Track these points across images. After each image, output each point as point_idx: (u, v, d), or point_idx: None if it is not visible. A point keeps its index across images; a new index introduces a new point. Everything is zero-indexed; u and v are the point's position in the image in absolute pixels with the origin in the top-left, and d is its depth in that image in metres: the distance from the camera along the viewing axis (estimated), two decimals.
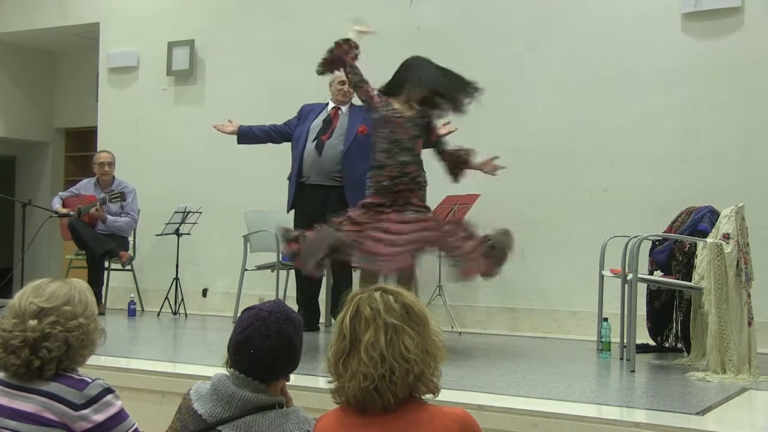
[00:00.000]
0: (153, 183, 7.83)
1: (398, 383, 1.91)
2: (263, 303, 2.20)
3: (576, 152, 6.31)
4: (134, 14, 8.23)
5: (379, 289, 2.01)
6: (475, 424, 1.96)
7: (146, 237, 7.52)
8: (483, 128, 6.55)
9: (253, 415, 2.06)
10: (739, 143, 5.87)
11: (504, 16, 6.62)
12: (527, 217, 6.42)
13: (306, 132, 5.99)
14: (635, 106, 6.17)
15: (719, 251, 4.30)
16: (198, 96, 7.88)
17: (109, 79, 8.33)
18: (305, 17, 7.35)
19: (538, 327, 6.32)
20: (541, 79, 6.47)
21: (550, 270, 6.32)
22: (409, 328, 1.95)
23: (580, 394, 3.77)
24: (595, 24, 6.33)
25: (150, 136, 8.05)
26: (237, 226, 6.92)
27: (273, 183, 6.58)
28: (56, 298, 2.12)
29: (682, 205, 5.19)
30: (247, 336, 2.10)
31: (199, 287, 7.61)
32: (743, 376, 4.17)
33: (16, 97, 9.56)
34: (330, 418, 2.03)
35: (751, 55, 5.85)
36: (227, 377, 2.14)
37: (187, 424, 2.10)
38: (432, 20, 6.82)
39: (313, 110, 6.10)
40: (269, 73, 7.48)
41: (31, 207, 6.95)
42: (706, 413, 3.33)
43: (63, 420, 2.05)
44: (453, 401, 3.15)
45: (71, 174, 9.83)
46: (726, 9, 5.90)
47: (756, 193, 5.57)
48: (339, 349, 1.97)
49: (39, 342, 2.07)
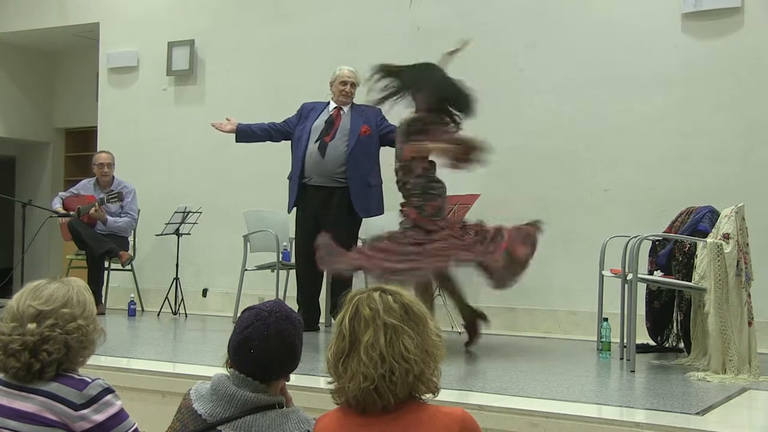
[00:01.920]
0: (153, 183, 7.83)
1: (398, 383, 1.91)
2: (263, 303, 2.20)
3: (576, 152, 6.31)
4: (134, 14, 8.23)
5: (378, 290, 2.01)
6: (475, 424, 1.96)
7: (146, 237, 7.52)
8: (483, 128, 6.56)
9: (253, 415, 2.06)
10: (740, 143, 5.87)
11: (504, 16, 6.62)
12: (527, 217, 6.40)
13: (308, 132, 5.96)
14: (635, 106, 6.17)
15: (719, 251, 4.30)
16: (198, 96, 7.88)
17: (109, 79, 8.33)
18: (305, 17, 7.35)
19: (538, 327, 6.32)
20: (541, 79, 6.47)
21: (550, 270, 6.31)
22: (409, 328, 1.95)
23: (580, 394, 3.77)
24: (595, 24, 6.33)
25: (150, 136, 8.05)
26: (237, 226, 6.93)
27: (273, 183, 6.59)
28: (54, 300, 2.11)
29: (682, 205, 5.19)
30: (247, 336, 2.10)
31: (199, 287, 7.61)
32: (743, 376, 4.17)
33: (16, 97, 9.56)
34: (330, 418, 2.03)
35: (751, 55, 5.85)
36: (227, 377, 2.13)
37: (187, 424, 2.10)
38: (432, 20, 6.81)
39: (314, 109, 6.07)
40: (269, 72, 7.48)
41: (31, 207, 6.95)
42: (706, 413, 3.33)
43: (63, 420, 2.05)
44: (453, 401, 3.16)
45: (71, 174, 9.83)
46: (726, 9, 5.90)
47: (756, 193, 5.57)
48: (338, 350, 1.97)
49: (38, 345, 2.07)
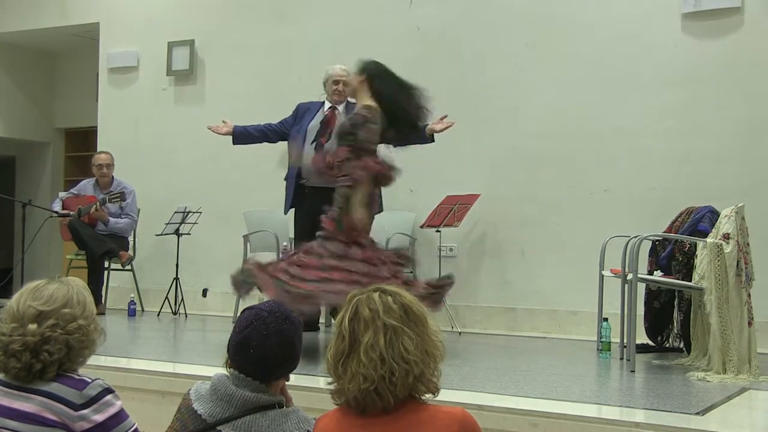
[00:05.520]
0: (153, 183, 7.83)
1: (398, 384, 1.91)
2: (263, 303, 2.20)
3: (576, 152, 6.31)
4: (134, 14, 8.23)
5: (377, 290, 2.00)
6: (475, 423, 1.96)
7: (146, 237, 7.52)
8: (483, 128, 6.57)
9: (252, 415, 2.07)
10: (740, 143, 5.87)
11: (504, 16, 6.62)
12: (527, 217, 6.42)
13: (304, 133, 5.96)
14: (635, 106, 6.17)
15: (719, 251, 4.30)
16: (198, 96, 7.87)
17: (109, 79, 8.33)
18: (305, 17, 7.35)
19: (537, 327, 6.32)
20: (541, 79, 6.47)
21: (550, 270, 6.32)
22: (409, 329, 1.94)
23: (580, 394, 3.77)
24: (595, 24, 6.32)
25: (150, 136, 8.05)
26: (237, 226, 6.93)
27: (273, 183, 6.56)
28: (55, 301, 2.11)
29: (682, 205, 5.19)
30: (247, 336, 2.10)
31: (199, 287, 7.60)
32: (743, 376, 4.17)
33: (16, 97, 9.56)
34: (330, 419, 2.03)
35: (751, 55, 5.85)
36: (227, 377, 2.14)
37: (187, 424, 2.10)
38: (432, 20, 6.81)
39: (309, 109, 6.07)
40: (269, 73, 7.48)
41: (31, 207, 6.95)
42: (706, 413, 3.33)
43: (63, 420, 2.04)
44: (453, 401, 3.15)
45: (71, 174, 9.83)
46: (726, 9, 5.89)
47: (756, 193, 5.57)
48: (338, 351, 1.97)
49: (39, 346, 2.06)
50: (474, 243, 6.63)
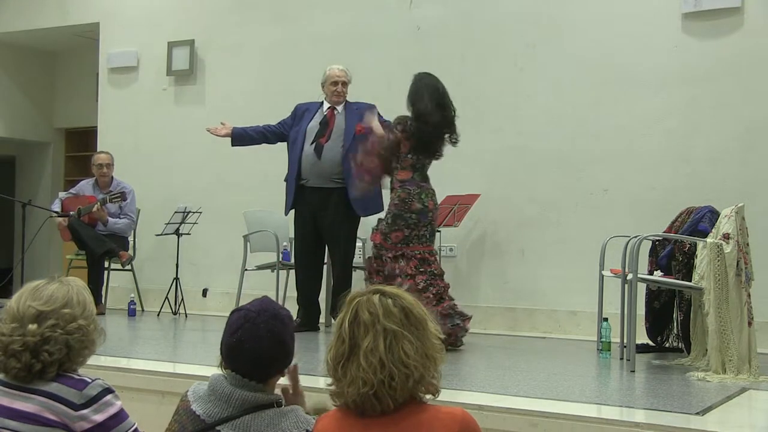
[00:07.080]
0: (153, 183, 7.83)
1: (398, 389, 1.90)
2: (250, 303, 2.19)
3: (576, 152, 6.31)
4: (134, 14, 8.23)
5: (377, 292, 1.98)
6: (475, 423, 1.95)
7: (146, 237, 7.52)
8: (483, 128, 6.57)
9: (251, 415, 2.07)
10: (739, 143, 5.87)
11: (504, 16, 6.62)
12: (527, 217, 6.42)
13: (303, 134, 5.95)
14: (635, 106, 6.17)
15: (719, 251, 4.30)
16: (198, 96, 7.87)
17: (109, 79, 8.33)
18: (305, 18, 7.35)
19: (537, 327, 6.32)
20: (541, 79, 6.47)
21: (550, 270, 6.31)
22: (409, 333, 1.92)
23: (580, 394, 3.77)
24: (595, 24, 6.33)
25: (150, 136, 8.05)
26: (237, 226, 6.93)
27: (273, 183, 6.57)
28: (55, 301, 2.11)
29: (682, 205, 5.19)
30: (239, 338, 2.10)
31: (199, 287, 7.61)
32: (743, 376, 4.17)
33: (16, 97, 9.56)
34: (330, 419, 2.02)
35: (751, 55, 5.85)
36: (224, 377, 2.14)
37: (186, 425, 2.10)
38: (432, 20, 6.81)
39: (308, 110, 6.06)
40: (269, 73, 7.48)
41: (31, 207, 6.94)
42: (706, 413, 3.33)
43: (63, 420, 2.05)
44: (453, 401, 3.16)
45: (71, 174, 9.83)
46: (726, 9, 5.90)
47: (756, 193, 5.57)
48: (338, 354, 1.95)
49: (39, 346, 2.07)
50: (474, 243, 6.63)
